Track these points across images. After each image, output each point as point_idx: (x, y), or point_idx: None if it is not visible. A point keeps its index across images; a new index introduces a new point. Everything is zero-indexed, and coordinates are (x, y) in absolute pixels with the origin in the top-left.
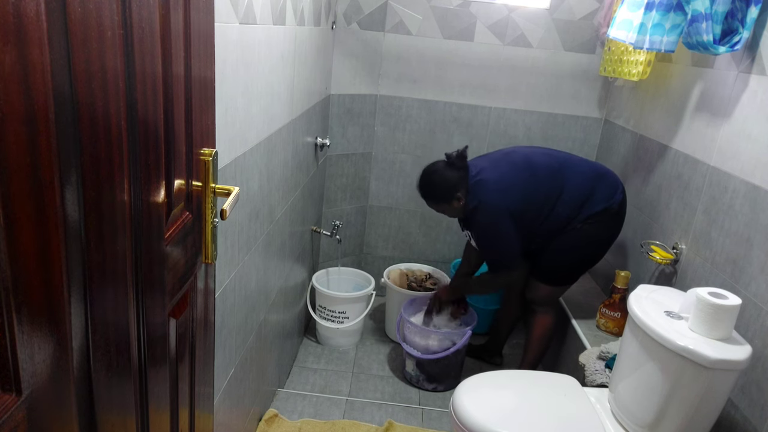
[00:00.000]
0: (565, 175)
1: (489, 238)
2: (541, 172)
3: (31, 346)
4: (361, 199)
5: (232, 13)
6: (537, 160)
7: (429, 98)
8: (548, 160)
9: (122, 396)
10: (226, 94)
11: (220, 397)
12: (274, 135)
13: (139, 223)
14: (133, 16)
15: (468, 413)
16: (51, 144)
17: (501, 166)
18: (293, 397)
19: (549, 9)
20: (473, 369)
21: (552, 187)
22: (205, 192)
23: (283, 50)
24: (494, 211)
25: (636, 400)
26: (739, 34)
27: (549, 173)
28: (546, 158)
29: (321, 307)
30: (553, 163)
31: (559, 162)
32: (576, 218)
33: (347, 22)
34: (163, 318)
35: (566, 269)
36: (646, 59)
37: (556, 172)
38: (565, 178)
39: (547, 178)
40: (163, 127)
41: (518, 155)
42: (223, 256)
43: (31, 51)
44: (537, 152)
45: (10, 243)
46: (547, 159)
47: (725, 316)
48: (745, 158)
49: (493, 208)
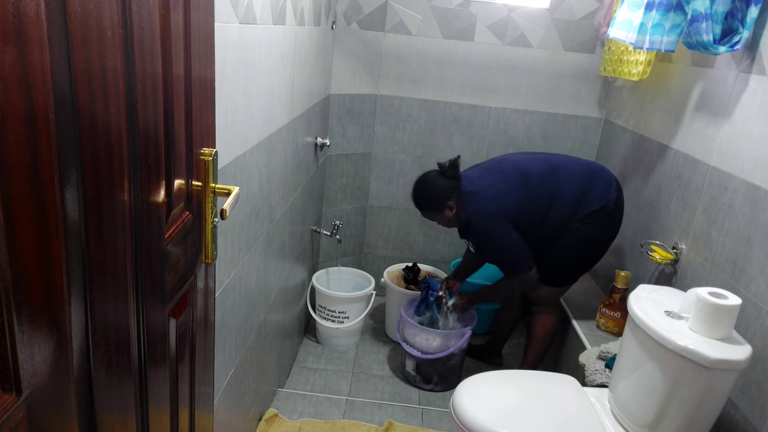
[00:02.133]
0: (558, 179)
1: (492, 246)
2: (533, 179)
3: (31, 345)
4: (361, 199)
5: (232, 13)
6: (528, 167)
7: (429, 98)
8: (540, 166)
9: (122, 396)
10: (226, 94)
11: (220, 396)
12: (274, 135)
13: (139, 223)
14: (133, 16)
15: (468, 413)
16: (51, 144)
17: (492, 175)
18: (293, 396)
19: (549, 9)
20: (473, 369)
21: (544, 192)
22: (205, 192)
23: (283, 50)
24: (488, 218)
25: (636, 400)
26: (739, 34)
27: (540, 179)
28: (537, 164)
29: (321, 307)
30: (544, 168)
31: (551, 167)
32: (572, 219)
33: (347, 22)
34: (163, 318)
35: (566, 269)
36: (646, 59)
37: (548, 177)
38: (557, 182)
39: (539, 184)
40: (163, 127)
41: (509, 163)
42: (223, 256)
43: (31, 51)
44: (528, 159)
45: (10, 243)
46: (539, 165)
47: (725, 316)
48: (745, 158)
49: (486, 215)
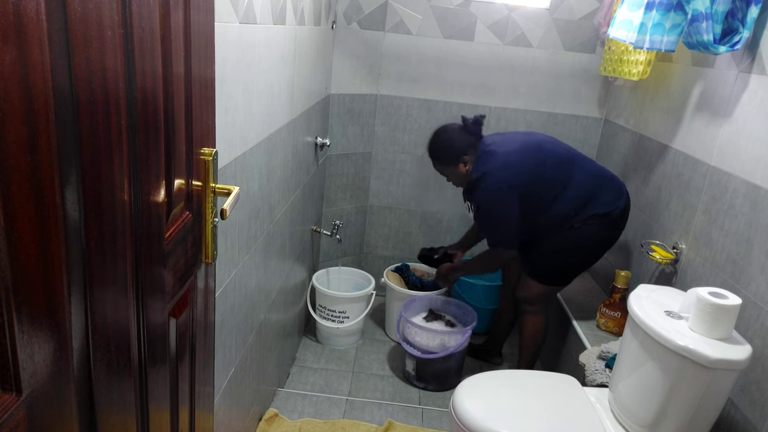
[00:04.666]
0: (573, 169)
1: (488, 212)
2: (551, 159)
3: (31, 345)
4: (361, 198)
5: (232, 13)
6: (549, 148)
7: (429, 98)
8: (560, 151)
9: (122, 396)
10: (226, 93)
11: (220, 396)
12: (274, 135)
13: (139, 223)
14: (133, 16)
15: (468, 413)
16: (51, 144)
17: (513, 144)
18: (293, 396)
19: (549, 9)
20: (473, 369)
21: (558, 177)
22: (205, 192)
23: (283, 50)
24: (497, 184)
25: (636, 400)
26: (739, 34)
27: (558, 162)
28: (558, 148)
29: (321, 307)
30: (563, 154)
31: (570, 155)
32: (576, 217)
33: (347, 21)
34: (163, 318)
35: (561, 268)
36: (646, 59)
37: (566, 163)
38: (572, 171)
39: (555, 166)
40: (163, 127)
41: (533, 139)
42: (223, 255)
43: (31, 50)
44: (551, 142)
45: (10, 243)
46: (559, 150)
47: (725, 315)
48: (745, 158)
49: (496, 180)
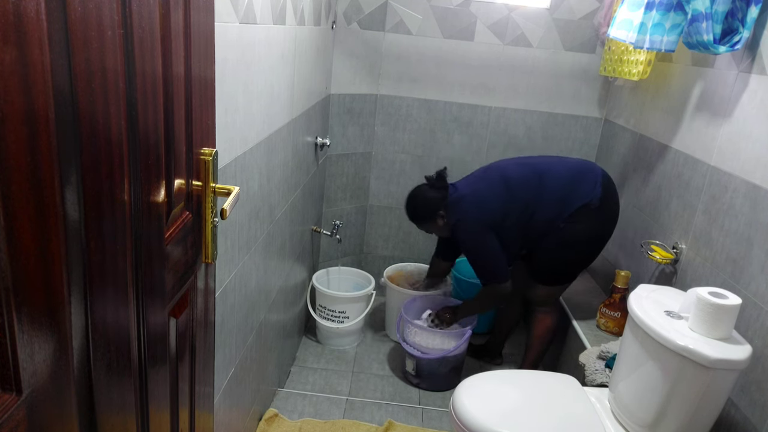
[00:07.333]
0: (544, 178)
1: (474, 252)
2: (514, 183)
3: (31, 345)
4: (361, 198)
5: (232, 13)
6: (512, 171)
7: (429, 98)
8: (524, 171)
9: (122, 396)
10: (226, 93)
11: (220, 396)
12: (274, 134)
13: (139, 223)
14: (133, 16)
15: (468, 413)
16: (51, 144)
17: (477, 182)
18: (293, 396)
19: (549, 8)
20: (473, 369)
21: (528, 194)
22: (205, 192)
23: (283, 50)
24: (473, 225)
25: (636, 400)
26: (739, 34)
27: (522, 183)
28: (522, 169)
29: (321, 307)
30: (527, 173)
31: (536, 171)
32: (558, 219)
33: (347, 21)
34: (163, 318)
35: (559, 268)
36: (646, 59)
37: (531, 181)
38: (543, 182)
39: (522, 186)
40: (163, 127)
41: (494, 170)
42: (223, 255)
43: (31, 51)
44: (513, 164)
45: (10, 243)
46: (523, 170)
47: (725, 315)
48: (745, 158)
49: (470, 222)
